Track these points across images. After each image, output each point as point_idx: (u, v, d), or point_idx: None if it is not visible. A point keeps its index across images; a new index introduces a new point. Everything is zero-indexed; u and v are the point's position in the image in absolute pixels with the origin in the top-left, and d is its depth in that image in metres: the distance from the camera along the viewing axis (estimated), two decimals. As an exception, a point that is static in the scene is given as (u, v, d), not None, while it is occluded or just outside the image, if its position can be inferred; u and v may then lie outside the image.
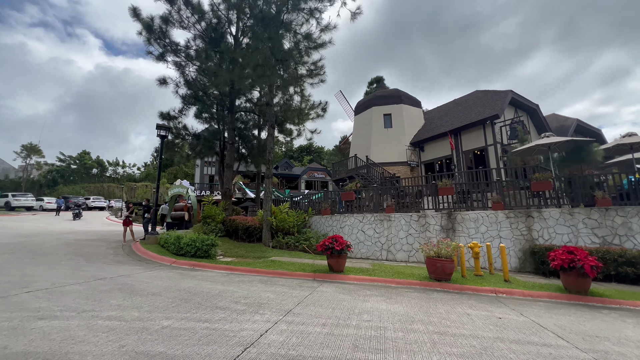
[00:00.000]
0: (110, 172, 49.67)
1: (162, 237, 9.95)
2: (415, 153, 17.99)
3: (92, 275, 5.70)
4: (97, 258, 7.88)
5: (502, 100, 14.66)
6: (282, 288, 5.61)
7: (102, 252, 8.79)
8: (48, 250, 8.48)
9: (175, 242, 8.83)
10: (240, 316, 3.70)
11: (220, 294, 4.79)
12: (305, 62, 11.07)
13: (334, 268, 7.23)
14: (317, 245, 7.61)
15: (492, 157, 14.11)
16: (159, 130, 11.06)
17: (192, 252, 8.35)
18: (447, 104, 19.76)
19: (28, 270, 5.82)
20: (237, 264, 7.87)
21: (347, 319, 3.84)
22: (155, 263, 7.78)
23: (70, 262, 7.00)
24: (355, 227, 10.62)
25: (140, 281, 5.44)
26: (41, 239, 10.63)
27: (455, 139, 15.82)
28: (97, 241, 10.98)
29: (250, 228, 11.04)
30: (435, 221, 9.92)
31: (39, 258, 7.31)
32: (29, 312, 3.34)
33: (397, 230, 10.15)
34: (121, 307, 3.76)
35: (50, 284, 4.70)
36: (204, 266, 7.59)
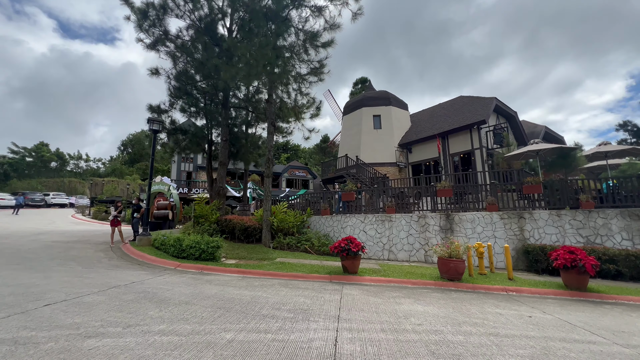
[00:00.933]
0: (71, 166, 45.75)
1: (157, 238, 9.36)
2: (403, 154, 18.48)
3: (101, 282, 5.23)
4: (91, 262, 7.24)
5: (487, 107, 15.49)
6: (309, 292, 5.51)
7: (92, 256, 8.09)
8: (29, 255, 7.64)
9: (176, 244, 8.35)
10: (296, 324, 3.58)
11: (254, 301, 4.61)
12: (308, 60, 10.91)
13: (348, 269, 7.24)
14: (331, 247, 7.57)
15: (478, 161, 14.87)
16: (152, 124, 10.37)
17: (196, 255, 7.95)
18: (433, 108, 20.51)
19: (23, 278, 5.21)
20: (245, 267, 7.61)
21: (399, 323, 3.86)
22: (158, 267, 7.30)
23: (64, 268, 6.36)
24: (357, 227, 10.70)
25: (158, 288, 5.08)
26: (12, 241, 9.56)
27: (442, 142, 16.46)
28: (79, 243, 10.09)
29: (249, 228, 10.73)
30: (434, 222, 10.26)
31: (24, 264, 6.56)
32: (69, 330, 2.99)
33: (398, 231, 10.38)
34: (165, 320, 3.48)
35: (64, 295, 4.24)
36: (212, 269, 7.25)
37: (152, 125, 10.37)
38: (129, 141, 63.57)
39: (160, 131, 11.13)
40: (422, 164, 17.71)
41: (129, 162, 59.18)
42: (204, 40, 11.11)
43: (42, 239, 10.55)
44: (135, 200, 10.70)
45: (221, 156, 13.17)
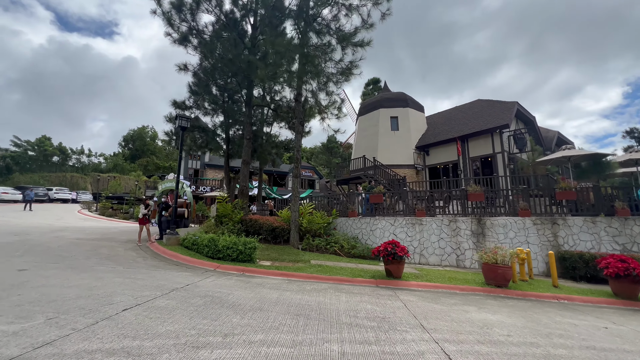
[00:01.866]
0: (73, 161, 45.12)
1: (187, 237, 9.16)
2: (420, 157, 18.39)
3: (155, 284, 5.04)
4: (128, 262, 7.03)
5: (509, 111, 15.44)
6: (367, 297, 5.37)
7: (125, 255, 7.87)
8: (62, 253, 7.41)
9: (210, 245, 8.16)
10: (390, 334, 3.43)
11: (323, 307, 4.45)
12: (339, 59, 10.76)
13: (393, 274, 7.10)
14: (374, 250, 7.44)
15: (500, 165, 14.81)
16: (180, 120, 10.14)
17: (233, 256, 7.76)
18: (450, 110, 20.45)
19: (75, 279, 5.00)
20: (285, 269, 7.45)
21: (488, 334, 3.73)
22: (198, 268, 7.11)
23: (106, 268, 6.16)
24: (387, 230, 10.57)
25: (217, 291, 4.90)
26: (38, 238, 9.31)
27: (462, 145, 16.39)
28: (103, 240, 9.85)
29: (277, 229, 10.55)
30: (465, 226, 10.16)
31: (63, 263, 6.35)
32: (172, 339, 2.82)
33: (429, 234, 10.27)
34: (255, 328, 3.32)
35: (133, 299, 4.05)
36: (253, 271, 7.08)
37: (180, 122, 10.15)
38: (129, 137, 62.95)
39: (188, 128, 10.88)
40: (440, 166, 17.64)
41: (130, 158, 58.60)
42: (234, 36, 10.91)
43: (64, 236, 10.29)
44: (164, 198, 10.46)
45: (244, 155, 12.97)
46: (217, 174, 31.51)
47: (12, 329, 2.76)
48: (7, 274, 4.98)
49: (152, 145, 62.48)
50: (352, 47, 9.46)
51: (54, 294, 4.00)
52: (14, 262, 5.99)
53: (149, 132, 64.62)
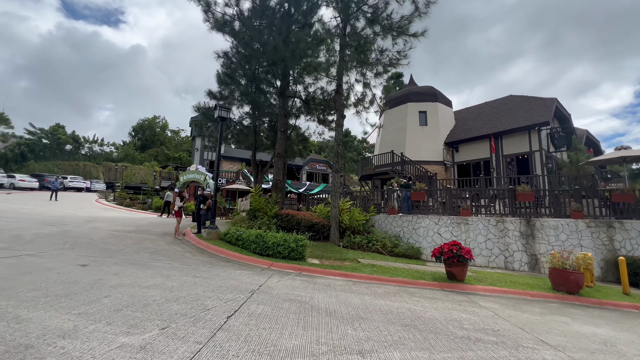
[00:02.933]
0: (85, 150, 45.07)
1: (229, 232, 8.86)
2: (449, 153, 17.90)
3: (227, 285, 4.73)
4: (180, 257, 6.75)
5: (548, 108, 14.85)
6: (448, 303, 5.03)
7: (170, 249, 7.59)
8: (108, 246, 7.14)
9: (258, 241, 7.85)
10: (528, 354, 3.09)
11: (419, 316, 4.12)
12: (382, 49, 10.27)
13: (456, 277, 6.75)
14: (434, 251, 7.08)
15: (538, 164, 14.31)
16: (220, 111, 9.75)
17: (284, 254, 7.45)
18: (479, 106, 19.83)
19: (144, 277, 4.71)
20: (339, 268, 7.12)
21: (619, 353, 3.37)
22: (252, 266, 6.81)
23: (162, 264, 5.87)
24: (431, 229, 10.20)
25: (297, 295, 4.59)
26: (76, 229, 9.06)
27: (495, 142, 15.87)
28: (140, 233, 9.59)
29: (316, 225, 10.23)
30: (514, 227, 9.76)
31: (117, 257, 6.07)
32: (312, 358, 2.49)
33: (476, 235, 9.89)
34: (379, 342, 2.99)
35: (223, 303, 3.74)
36: (309, 270, 6.76)
37: (220, 112, 9.75)
38: (140, 127, 62.79)
39: (227, 118, 10.50)
40: (470, 163, 17.15)
41: (140, 148, 58.53)
42: (273, 23, 10.42)
43: (99, 227, 10.05)
44: (200, 192, 10.15)
45: (279, 148, 12.60)
46: (232, 165, 31.23)
47: (135, 341, 2.45)
48: (73, 270, 4.70)
49: (162, 135, 62.31)
50: (404, 37, 8.96)
51: (140, 296, 3.69)
52: (69, 256, 5.71)
53: (160, 123, 64.45)
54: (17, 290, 3.47)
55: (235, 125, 15.88)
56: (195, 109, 14.70)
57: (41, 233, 7.84)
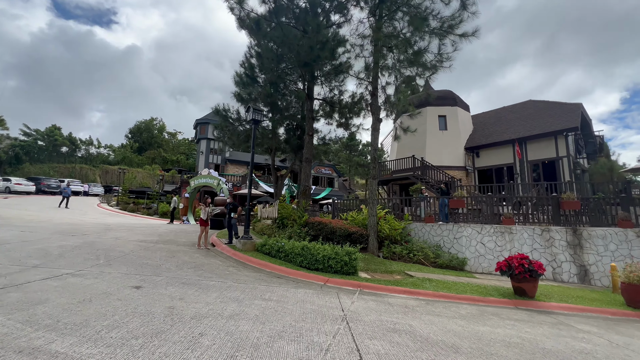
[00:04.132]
0: (82, 152, 43.70)
1: (268, 243, 8.27)
2: (469, 158, 17.59)
3: (311, 310, 4.17)
4: (226, 273, 6.16)
5: (574, 112, 14.66)
6: (546, 328, 4.54)
7: (209, 262, 6.98)
8: (147, 260, 6.49)
9: (305, 254, 7.27)
10: None
11: (540, 348, 3.61)
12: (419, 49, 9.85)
13: (527, 293, 6.28)
14: (500, 264, 6.60)
15: (566, 170, 14.05)
16: (253, 114, 9.16)
17: (336, 268, 6.89)
18: (497, 110, 19.63)
19: (219, 304, 4.11)
20: (396, 284, 6.59)
21: None
22: (307, 282, 6.24)
23: (217, 282, 5.28)
24: (474, 238, 9.75)
25: (390, 322, 4.05)
26: (99, 240, 8.35)
27: (519, 147, 15.60)
28: (167, 244, 8.92)
29: (353, 235, 9.67)
30: (560, 236, 9.37)
31: (164, 274, 5.44)
32: None
33: (521, 245, 9.47)
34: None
35: (330, 337, 3.18)
36: (368, 287, 6.21)
37: (253, 115, 9.16)
38: (137, 129, 61.58)
39: (262, 121, 9.92)
40: (492, 169, 16.85)
41: (137, 151, 57.31)
42: (315, 22, 9.90)
43: (121, 236, 9.33)
44: (229, 199, 9.52)
45: (306, 152, 12.06)
46: (237, 169, 30.51)
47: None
48: (131, 295, 4.08)
49: (160, 137, 61.15)
50: (452, 37, 8.55)
51: (236, 332, 3.11)
52: (113, 275, 5.07)
53: (157, 125, 63.27)
54: (95, 329, 2.85)
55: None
56: (213, 110, 14.12)
57: (66, 245, 7.13)
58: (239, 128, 14.59)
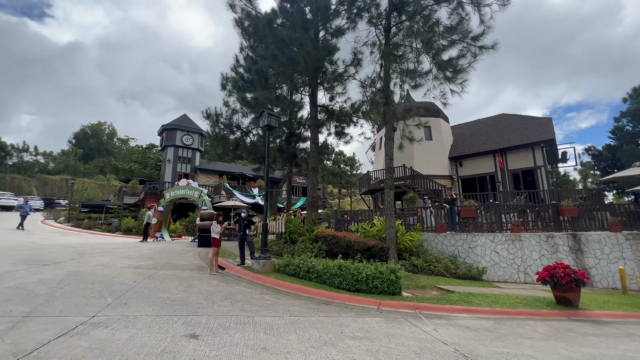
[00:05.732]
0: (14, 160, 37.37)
1: (292, 263, 7.41)
2: (454, 167, 18.31)
3: (416, 347, 3.57)
4: (266, 303, 5.27)
5: (546, 126, 16.06)
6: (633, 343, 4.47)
7: (237, 291, 5.98)
8: (162, 293, 5.30)
9: (344, 274, 6.60)
10: None
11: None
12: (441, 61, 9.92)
13: (572, 303, 6.32)
14: (541, 274, 6.58)
15: (543, 179, 15.21)
16: (268, 119, 8.31)
17: (381, 287, 6.32)
18: (474, 122, 20.83)
19: (300, 350, 3.32)
20: (444, 301, 6.23)
21: None
22: (360, 307, 5.59)
23: (275, 320, 4.42)
24: (488, 247, 9.87)
25: (500, 354, 3.62)
26: (83, 269, 6.76)
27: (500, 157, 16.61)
28: (168, 268, 7.57)
29: (373, 248, 9.18)
30: (562, 242, 9.89)
31: (200, 312, 4.42)
32: None
33: (530, 251, 9.79)
34: None
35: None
36: (423, 307, 5.74)
37: (268, 120, 8.32)
38: (82, 134, 55.12)
39: (276, 127, 9.07)
40: (475, 177, 17.70)
41: (83, 158, 51.10)
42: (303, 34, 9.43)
43: (108, 263, 7.73)
44: (244, 213, 8.43)
45: (312, 161, 11.40)
46: (208, 179, 28.41)
47: None
48: (198, 350, 3.11)
49: (110, 144, 55.26)
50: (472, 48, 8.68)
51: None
52: (141, 319, 3.95)
53: (106, 130, 57.17)
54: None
55: (242, 136, 14.23)
56: (204, 115, 12.83)
57: (47, 280, 5.57)
58: (229, 136, 13.44)
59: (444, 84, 9.56)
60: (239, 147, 14.52)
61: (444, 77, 9.33)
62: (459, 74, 9.31)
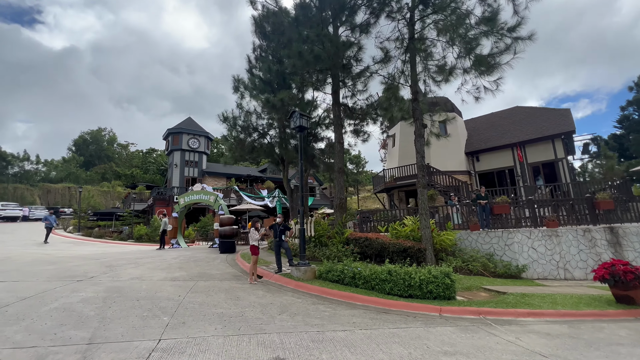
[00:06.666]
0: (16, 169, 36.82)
1: (336, 269, 7.10)
2: (471, 162, 18.05)
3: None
4: (321, 314, 4.98)
5: (567, 118, 15.81)
6: None
7: (288, 302, 5.69)
8: (218, 309, 5.00)
9: (394, 279, 6.30)
10: None
11: None
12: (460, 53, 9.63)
13: (637, 301, 6.05)
14: (600, 272, 6.32)
15: (564, 171, 14.98)
16: (300, 119, 7.99)
17: (437, 292, 6.04)
18: (487, 116, 20.57)
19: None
20: (503, 304, 5.94)
21: None
22: (419, 315, 5.31)
23: (347, 335, 4.14)
24: (525, 244, 9.61)
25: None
26: (119, 284, 6.45)
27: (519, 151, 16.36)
28: (206, 279, 7.26)
29: (409, 250, 8.91)
30: (600, 235, 9.65)
31: (267, 329, 4.12)
32: None
33: (568, 247, 9.54)
34: None
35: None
36: (487, 312, 5.45)
37: (300, 121, 8.00)
38: (82, 141, 54.56)
39: (308, 128, 8.75)
40: (493, 172, 17.45)
41: (83, 165, 50.57)
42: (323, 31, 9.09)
43: (137, 275, 7.41)
44: (280, 219, 8.12)
45: (338, 162, 11.09)
46: (216, 182, 28.03)
47: None
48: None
49: (111, 150, 54.69)
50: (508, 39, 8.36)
51: None
52: (212, 341, 3.65)
53: (106, 136, 56.59)
54: None
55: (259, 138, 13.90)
56: (220, 118, 12.50)
57: (90, 298, 5.25)
58: (247, 138, 13.11)
59: (478, 78, 9.24)
60: (254, 149, 14.22)
61: (479, 72, 9.00)
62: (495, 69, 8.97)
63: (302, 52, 8.76)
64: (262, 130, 13.81)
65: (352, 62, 10.51)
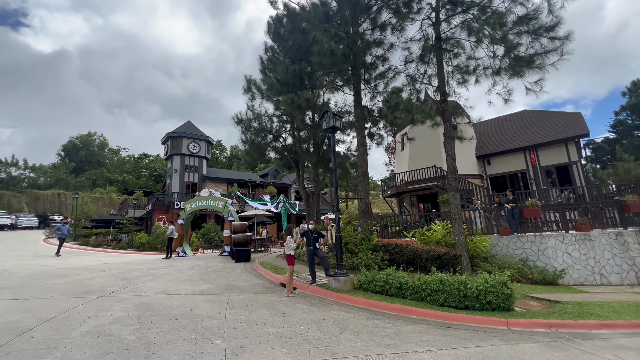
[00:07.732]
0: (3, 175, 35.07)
1: (379, 279, 6.62)
2: (482, 166, 17.90)
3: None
4: (383, 331, 4.49)
5: (579, 120, 15.82)
6: None
7: (338, 317, 5.18)
8: (268, 328, 4.46)
9: (449, 289, 5.86)
10: None
11: None
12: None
13: (700, 309, 5.77)
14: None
15: (578, 174, 14.93)
16: (332, 120, 7.53)
17: (496, 303, 5.62)
18: (496, 120, 20.52)
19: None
20: (567, 315, 5.56)
21: None
22: (489, 329, 4.87)
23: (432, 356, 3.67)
24: (559, 249, 9.32)
25: None
26: (146, 299, 5.81)
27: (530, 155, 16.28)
28: (238, 292, 6.68)
29: (444, 257, 8.51)
30: (632, 239, 9.44)
31: (339, 350, 3.62)
32: None
33: (602, 251, 9.30)
34: None
35: None
36: (558, 325, 5.04)
37: (332, 121, 7.55)
38: (71, 146, 52.85)
39: (340, 129, 8.30)
40: (505, 175, 17.32)
41: (74, 171, 48.87)
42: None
43: (162, 289, 6.78)
44: (312, 225, 7.60)
45: (362, 165, 10.66)
46: (217, 187, 27.18)
47: None
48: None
49: (102, 155, 53.09)
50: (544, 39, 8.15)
51: None
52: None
53: (96, 141, 54.95)
54: None
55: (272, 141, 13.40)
56: (235, 120, 11.97)
57: (120, 317, 4.63)
58: (262, 141, 12.59)
59: (513, 79, 8.98)
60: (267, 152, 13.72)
61: (514, 73, 8.74)
62: (539, 70, 8.69)
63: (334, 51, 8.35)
64: (276, 133, 13.33)
65: (377, 61, 10.17)
